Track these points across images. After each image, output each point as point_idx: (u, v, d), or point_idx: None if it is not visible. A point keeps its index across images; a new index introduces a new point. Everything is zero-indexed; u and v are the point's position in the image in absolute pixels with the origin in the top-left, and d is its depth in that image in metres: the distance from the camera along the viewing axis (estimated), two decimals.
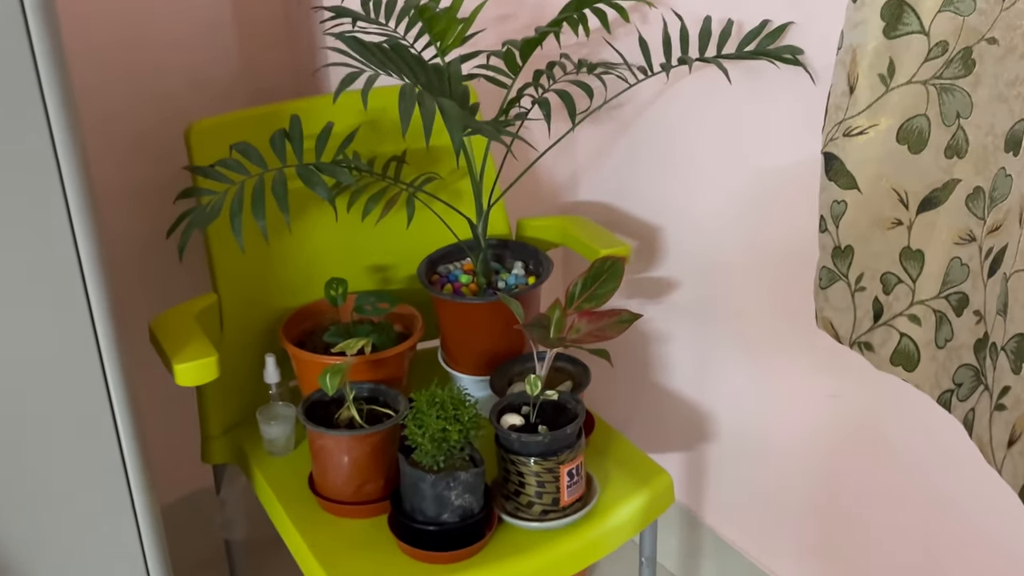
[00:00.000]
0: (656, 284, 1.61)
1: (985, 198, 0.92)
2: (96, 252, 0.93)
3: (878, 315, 1.02)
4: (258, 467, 1.31)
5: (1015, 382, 0.86)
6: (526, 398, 1.22)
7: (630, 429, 1.74)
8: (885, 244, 0.99)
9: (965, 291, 0.95)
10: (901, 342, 1.01)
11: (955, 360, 0.97)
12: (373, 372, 1.28)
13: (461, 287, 1.36)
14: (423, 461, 1.14)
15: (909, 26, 0.90)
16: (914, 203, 0.96)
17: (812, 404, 1.39)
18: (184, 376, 1.13)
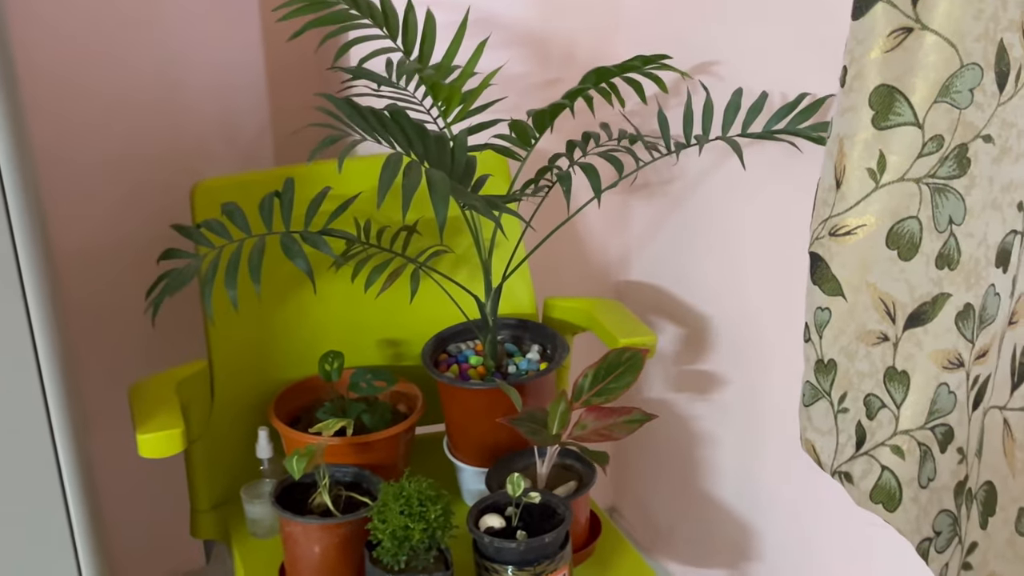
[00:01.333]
0: (706, 378, 1.53)
1: (975, 317, 0.83)
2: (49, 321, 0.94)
3: (860, 442, 0.93)
4: (238, 548, 1.30)
5: (982, 539, 0.76)
6: (510, 499, 1.17)
7: (673, 538, 1.65)
8: (869, 362, 0.90)
9: (951, 424, 0.86)
10: (883, 476, 0.92)
11: (936, 504, 0.87)
12: (359, 455, 1.26)
13: (469, 369, 1.33)
14: (384, 559, 1.10)
15: (901, 116, 0.82)
16: (901, 317, 0.88)
17: (861, 530, 1.27)
18: (147, 447, 1.14)
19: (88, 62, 1.38)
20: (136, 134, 1.43)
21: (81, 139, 1.40)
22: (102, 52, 1.38)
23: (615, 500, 1.79)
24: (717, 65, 1.32)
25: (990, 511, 0.76)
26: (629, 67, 1.19)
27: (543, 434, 1.20)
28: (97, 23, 1.37)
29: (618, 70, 1.19)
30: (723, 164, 1.39)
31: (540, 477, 1.24)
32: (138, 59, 1.40)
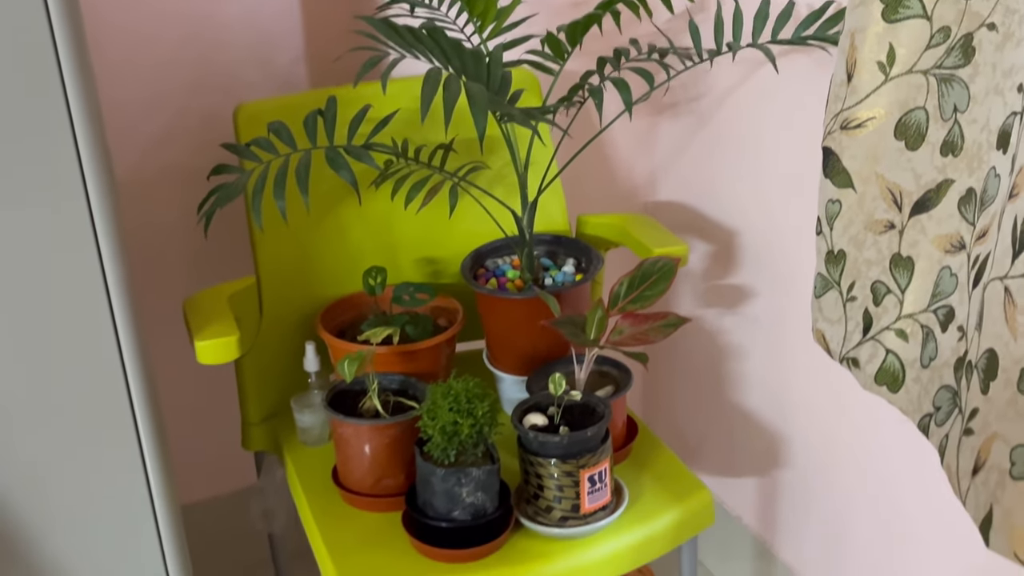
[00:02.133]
0: (734, 292, 1.61)
1: (976, 201, 0.90)
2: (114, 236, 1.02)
3: (867, 328, 1.01)
4: (290, 456, 1.40)
5: (983, 403, 0.83)
6: (552, 398, 1.26)
7: (703, 450, 1.74)
8: (876, 250, 0.98)
9: (952, 304, 0.93)
10: (887, 359, 0.99)
11: (936, 381, 0.95)
12: (405, 364, 1.35)
13: (507, 283, 1.41)
14: (434, 454, 1.19)
15: (910, 9, 0.89)
16: (907, 204, 0.95)
17: (885, 431, 1.36)
18: (205, 354, 1.23)
19: None
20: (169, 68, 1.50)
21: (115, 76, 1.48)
22: None
23: (645, 416, 1.88)
24: None
25: (991, 376, 0.83)
26: None
27: (582, 337, 1.28)
28: None
29: None
30: (749, 78, 1.47)
31: (579, 382, 1.33)
32: None
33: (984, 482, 0.84)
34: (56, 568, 1.13)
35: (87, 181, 1.01)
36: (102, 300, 1.05)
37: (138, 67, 1.47)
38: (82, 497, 1.12)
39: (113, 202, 1.02)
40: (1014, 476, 0.81)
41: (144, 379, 1.10)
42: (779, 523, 1.62)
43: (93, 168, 1.01)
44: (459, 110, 1.21)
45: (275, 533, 1.59)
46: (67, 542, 1.13)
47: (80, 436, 1.10)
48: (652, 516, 1.26)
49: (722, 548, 1.75)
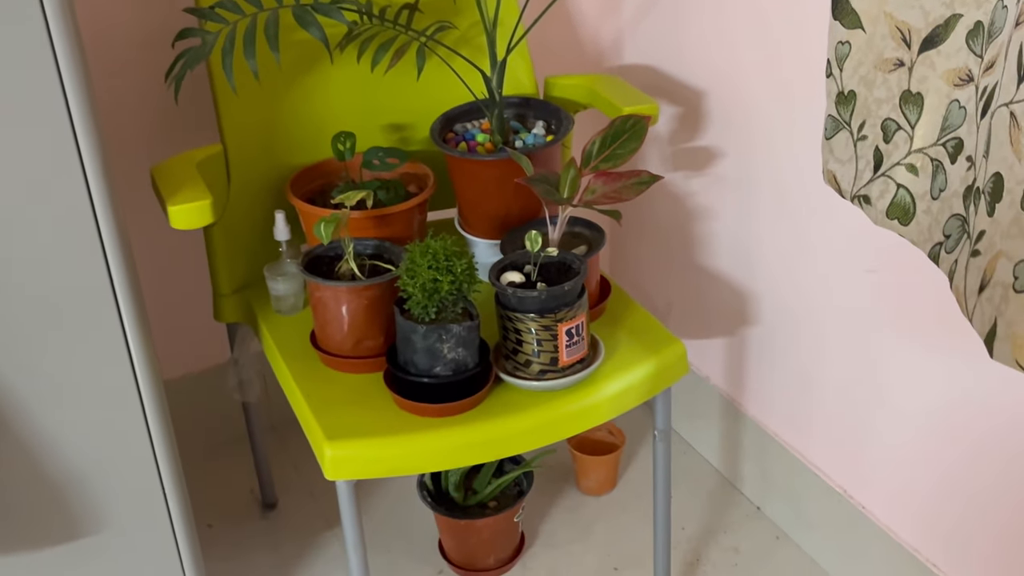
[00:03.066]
0: (701, 154, 1.67)
1: (984, 33, 0.96)
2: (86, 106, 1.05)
3: (877, 165, 1.08)
4: (265, 325, 1.45)
5: (989, 225, 0.91)
6: (529, 257, 1.32)
7: (672, 313, 1.83)
8: (886, 88, 1.04)
9: (961, 136, 1.00)
10: (898, 194, 1.07)
11: (946, 210, 1.03)
12: (379, 229, 1.40)
13: (476, 146, 1.46)
14: (415, 312, 1.26)
15: None
16: (916, 41, 1.01)
17: (851, 281, 1.45)
18: (178, 218, 1.28)
19: None
20: None
21: None
22: None
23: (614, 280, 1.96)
24: None
25: (997, 198, 0.91)
26: None
27: (556, 195, 1.34)
28: None
29: None
30: None
31: (552, 242, 1.39)
32: None
33: (989, 298, 0.92)
34: (45, 442, 1.19)
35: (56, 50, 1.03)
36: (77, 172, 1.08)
37: None
38: (68, 373, 1.17)
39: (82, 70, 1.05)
40: (1016, 289, 0.89)
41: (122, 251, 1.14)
42: (747, 380, 1.72)
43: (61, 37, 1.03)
44: None
45: (251, 405, 1.65)
46: (55, 418, 1.18)
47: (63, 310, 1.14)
48: (628, 368, 1.34)
49: (691, 409, 1.85)
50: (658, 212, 1.81)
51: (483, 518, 1.60)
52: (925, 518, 1.45)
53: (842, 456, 1.57)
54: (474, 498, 1.63)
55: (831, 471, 1.59)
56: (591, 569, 1.67)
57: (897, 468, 1.47)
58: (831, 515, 1.60)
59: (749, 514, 1.76)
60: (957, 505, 1.39)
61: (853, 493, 1.56)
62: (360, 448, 1.24)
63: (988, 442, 1.32)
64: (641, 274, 1.91)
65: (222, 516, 1.78)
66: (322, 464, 1.25)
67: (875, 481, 1.51)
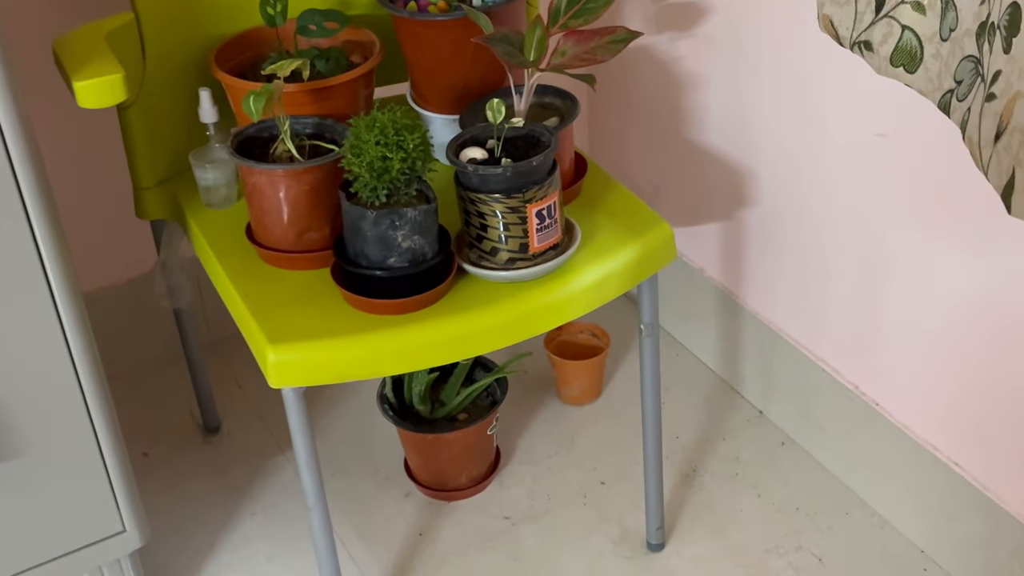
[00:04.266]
0: (688, 11, 1.61)
1: None
2: None
3: (880, 5, 1.03)
4: (194, 220, 1.40)
5: (1005, 63, 0.87)
6: (491, 130, 1.27)
7: (660, 196, 1.79)
8: None
9: None
10: (903, 37, 1.02)
11: (958, 53, 0.98)
12: (318, 105, 1.34)
13: (428, 5, 1.40)
14: (363, 195, 1.20)
15: None
16: None
17: (860, 151, 1.41)
18: (86, 96, 1.21)
19: None
20: None
21: None
22: None
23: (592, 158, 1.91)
24: None
25: (1015, 31, 0.86)
26: None
27: (520, 58, 1.28)
28: None
29: None
30: None
31: (519, 113, 1.33)
32: None
33: (1006, 147, 0.88)
34: None
35: None
36: None
37: None
38: None
39: None
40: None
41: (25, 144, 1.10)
42: (746, 271, 1.68)
43: None
44: None
45: (184, 316, 1.60)
46: None
47: None
48: (608, 253, 1.30)
49: (684, 306, 1.82)
50: (640, 80, 1.75)
51: (452, 432, 1.57)
52: (945, 413, 1.42)
53: (853, 350, 1.54)
54: (442, 410, 1.60)
55: (841, 367, 1.57)
56: (575, 485, 1.65)
57: (913, 360, 1.44)
58: (842, 415, 1.58)
59: (751, 419, 1.74)
60: (980, 399, 1.36)
61: (865, 389, 1.53)
62: (307, 351, 1.19)
63: (1011, 333, 1.29)
64: (623, 152, 1.86)
65: (159, 443, 1.74)
66: (265, 372, 1.20)
67: (889, 375, 1.49)
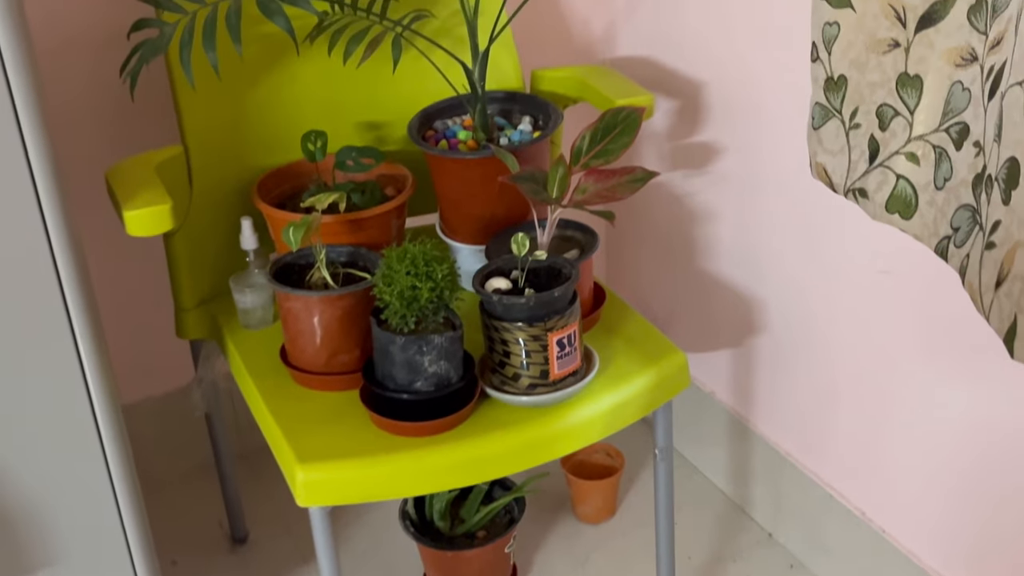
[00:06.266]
0: (702, 151, 1.67)
1: (988, 8, 0.95)
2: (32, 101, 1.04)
3: (874, 155, 1.06)
4: (232, 340, 1.44)
5: (1005, 214, 0.90)
6: (516, 262, 1.31)
7: (672, 323, 1.82)
8: (881, 72, 1.03)
9: (966, 120, 0.99)
10: (898, 185, 1.05)
11: (954, 201, 1.01)
12: (353, 235, 1.39)
13: (458, 144, 1.45)
14: (392, 322, 1.24)
15: None
16: (912, 19, 1.00)
17: (865, 285, 1.44)
18: (135, 224, 1.26)
19: None
20: None
21: None
22: None
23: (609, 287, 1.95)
24: None
25: (1013, 184, 0.89)
26: None
27: (544, 195, 1.33)
28: None
29: None
30: None
31: (541, 246, 1.38)
32: None
33: (1008, 293, 0.90)
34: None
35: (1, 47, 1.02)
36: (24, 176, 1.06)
37: None
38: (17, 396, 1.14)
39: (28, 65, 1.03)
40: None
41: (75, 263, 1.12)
42: (756, 396, 1.70)
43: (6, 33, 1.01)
44: None
45: (218, 429, 1.63)
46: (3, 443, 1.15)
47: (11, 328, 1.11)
48: (624, 380, 1.33)
49: (696, 429, 1.84)
50: (656, 214, 1.80)
51: (471, 549, 1.57)
52: (951, 541, 1.43)
53: (860, 476, 1.55)
54: (461, 527, 1.61)
55: (849, 492, 1.58)
56: None
57: (919, 488, 1.45)
58: (849, 540, 1.58)
59: (760, 541, 1.74)
60: (987, 528, 1.37)
61: (872, 516, 1.54)
62: (335, 471, 1.22)
63: (1014, 462, 1.31)
64: (639, 281, 1.90)
65: (188, 551, 1.75)
66: (294, 490, 1.23)
67: (896, 502, 1.50)
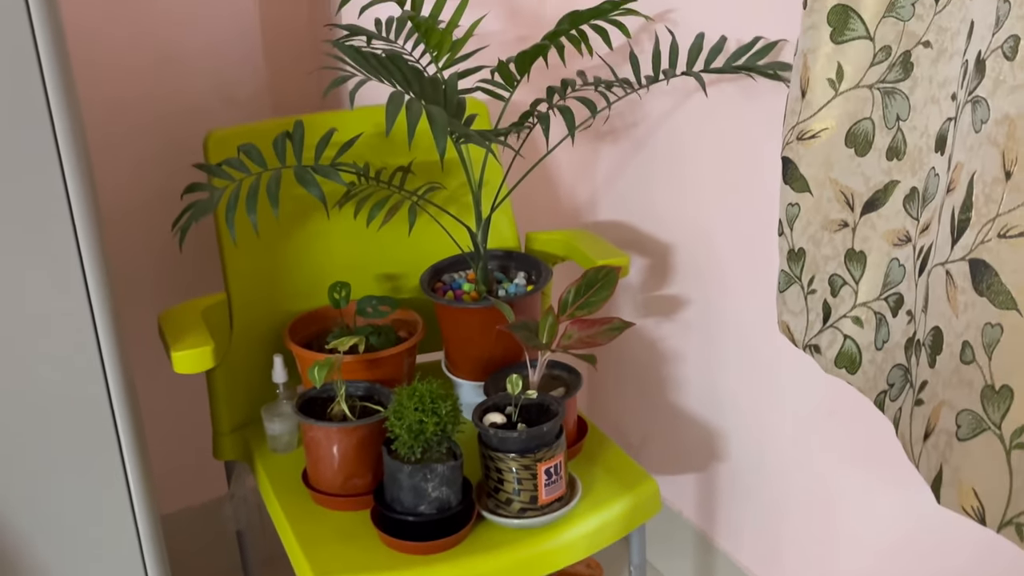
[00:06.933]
0: (670, 301, 1.64)
1: (919, 198, 0.95)
2: (98, 254, 1.02)
3: (826, 317, 1.04)
4: (261, 463, 1.39)
5: (931, 376, 0.87)
6: (510, 399, 1.27)
7: (645, 448, 1.77)
8: (832, 247, 1.02)
9: (901, 292, 0.98)
10: (845, 344, 1.03)
11: (890, 361, 0.99)
12: (370, 372, 1.35)
13: (463, 295, 1.43)
14: (401, 452, 1.20)
15: (855, 31, 0.93)
16: (859, 205, 0.99)
17: (813, 421, 1.40)
18: (181, 363, 1.22)
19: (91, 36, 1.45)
20: (138, 100, 1.50)
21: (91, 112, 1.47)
22: (103, 28, 1.45)
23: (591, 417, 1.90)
24: (675, 12, 1.43)
25: (937, 350, 0.87)
26: (600, 11, 1.29)
27: (536, 341, 1.30)
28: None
29: (590, 13, 1.29)
30: (682, 105, 1.51)
31: (532, 384, 1.34)
32: (138, 29, 1.47)
33: (935, 445, 0.87)
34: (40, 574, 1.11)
35: (72, 204, 1.01)
36: (86, 318, 1.04)
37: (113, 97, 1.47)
38: (66, 506, 1.10)
39: (96, 223, 1.02)
40: (960, 437, 0.84)
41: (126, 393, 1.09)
42: (718, 515, 1.64)
43: (78, 192, 1.00)
44: (418, 135, 1.21)
45: (246, 537, 1.57)
46: (51, 550, 1.11)
47: (64, 447, 1.08)
48: (604, 505, 1.27)
49: (665, 542, 1.77)
50: (631, 355, 1.77)
51: None
52: None
53: None
54: None
55: None
56: None
57: None
58: None
59: None
60: None
61: None
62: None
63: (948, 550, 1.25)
64: (616, 412, 1.86)
65: None
66: None
67: None
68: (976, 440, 0.83)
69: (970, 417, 0.83)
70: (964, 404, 0.84)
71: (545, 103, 1.43)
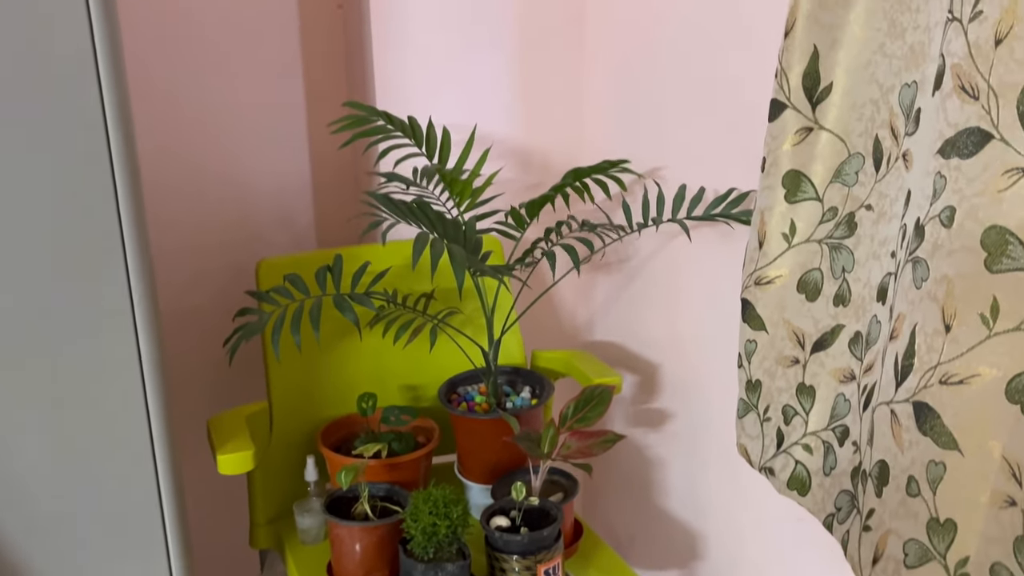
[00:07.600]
0: (656, 414, 1.58)
1: (863, 341, 0.91)
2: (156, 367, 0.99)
3: (780, 443, 0.99)
4: (291, 553, 1.31)
5: (878, 504, 0.82)
6: (514, 504, 1.21)
7: (633, 546, 1.68)
8: (785, 380, 0.98)
9: (847, 424, 0.93)
10: (796, 469, 0.98)
11: (837, 486, 0.93)
12: (391, 474, 1.29)
13: (475, 406, 1.38)
14: (416, 551, 1.13)
15: (806, 193, 0.91)
16: (809, 344, 0.95)
17: (784, 527, 1.32)
18: (225, 465, 1.17)
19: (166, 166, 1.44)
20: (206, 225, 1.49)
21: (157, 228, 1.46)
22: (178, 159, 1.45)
23: (585, 517, 1.82)
24: (664, 169, 1.42)
25: (884, 482, 0.82)
26: (599, 168, 1.28)
27: (538, 451, 1.24)
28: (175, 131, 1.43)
29: (590, 171, 1.28)
30: (667, 245, 1.48)
31: (534, 489, 1.28)
32: (208, 166, 1.47)
33: (883, 570, 0.81)
34: None
35: (136, 317, 0.98)
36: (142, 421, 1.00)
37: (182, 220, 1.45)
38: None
39: (157, 335, 0.99)
40: (908, 565, 0.78)
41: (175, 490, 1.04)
42: None
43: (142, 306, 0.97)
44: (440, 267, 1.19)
45: None
46: None
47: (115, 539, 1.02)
48: None
49: None
50: (622, 461, 1.70)
51: None
52: None
53: None
54: None
55: None
56: None
57: None
58: None
59: None
60: None
61: None
62: None
63: None
64: (608, 512, 1.78)
65: None
66: None
67: None
68: (923, 568, 0.77)
69: (916, 546, 0.77)
70: (911, 534, 0.78)
71: (545, 242, 1.41)
